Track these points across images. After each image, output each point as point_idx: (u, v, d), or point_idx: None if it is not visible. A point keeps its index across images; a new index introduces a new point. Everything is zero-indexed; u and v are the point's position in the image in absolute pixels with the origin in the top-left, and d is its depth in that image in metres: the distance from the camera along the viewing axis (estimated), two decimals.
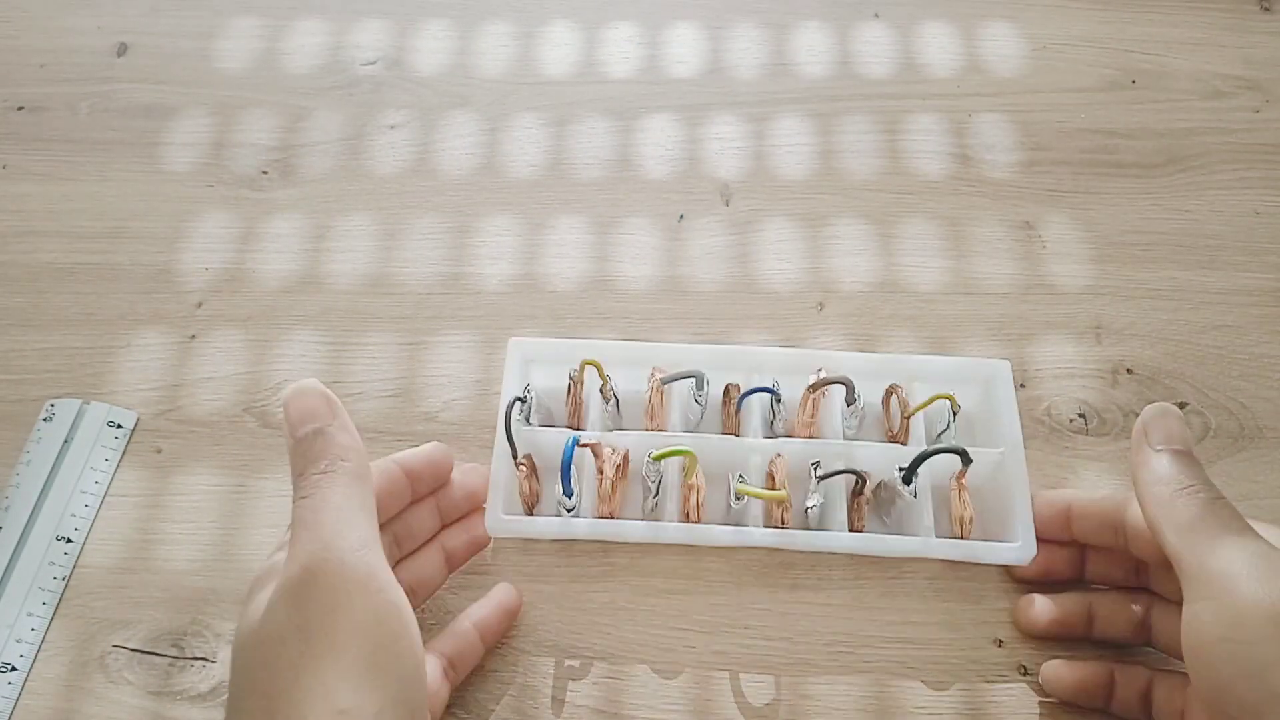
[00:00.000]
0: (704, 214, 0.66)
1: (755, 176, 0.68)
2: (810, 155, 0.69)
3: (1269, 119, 0.71)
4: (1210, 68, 0.73)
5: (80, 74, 0.74)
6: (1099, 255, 0.64)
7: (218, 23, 0.77)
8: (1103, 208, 0.66)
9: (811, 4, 0.77)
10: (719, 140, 0.70)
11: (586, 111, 0.71)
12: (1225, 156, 0.69)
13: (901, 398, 0.55)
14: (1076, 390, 0.59)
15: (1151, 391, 0.59)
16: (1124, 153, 0.69)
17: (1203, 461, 0.43)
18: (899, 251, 0.64)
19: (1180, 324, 0.62)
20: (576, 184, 0.68)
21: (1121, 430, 0.58)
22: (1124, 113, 0.71)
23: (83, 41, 0.76)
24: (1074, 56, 0.74)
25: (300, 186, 0.68)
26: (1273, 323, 0.62)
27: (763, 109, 0.71)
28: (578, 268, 0.64)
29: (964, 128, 0.70)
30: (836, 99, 0.72)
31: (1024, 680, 0.50)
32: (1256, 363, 0.60)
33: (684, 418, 0.56)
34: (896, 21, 0.76)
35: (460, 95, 0.72)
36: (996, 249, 0.65)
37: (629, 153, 0.69)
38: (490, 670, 0.50)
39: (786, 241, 0.65)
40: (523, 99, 0.72)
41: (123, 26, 0.76)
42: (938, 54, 0.74)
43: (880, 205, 0.67)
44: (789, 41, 0.75)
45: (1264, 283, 0.63)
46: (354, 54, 0.75)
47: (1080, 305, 0.62)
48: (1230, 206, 0.66)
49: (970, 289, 0.63)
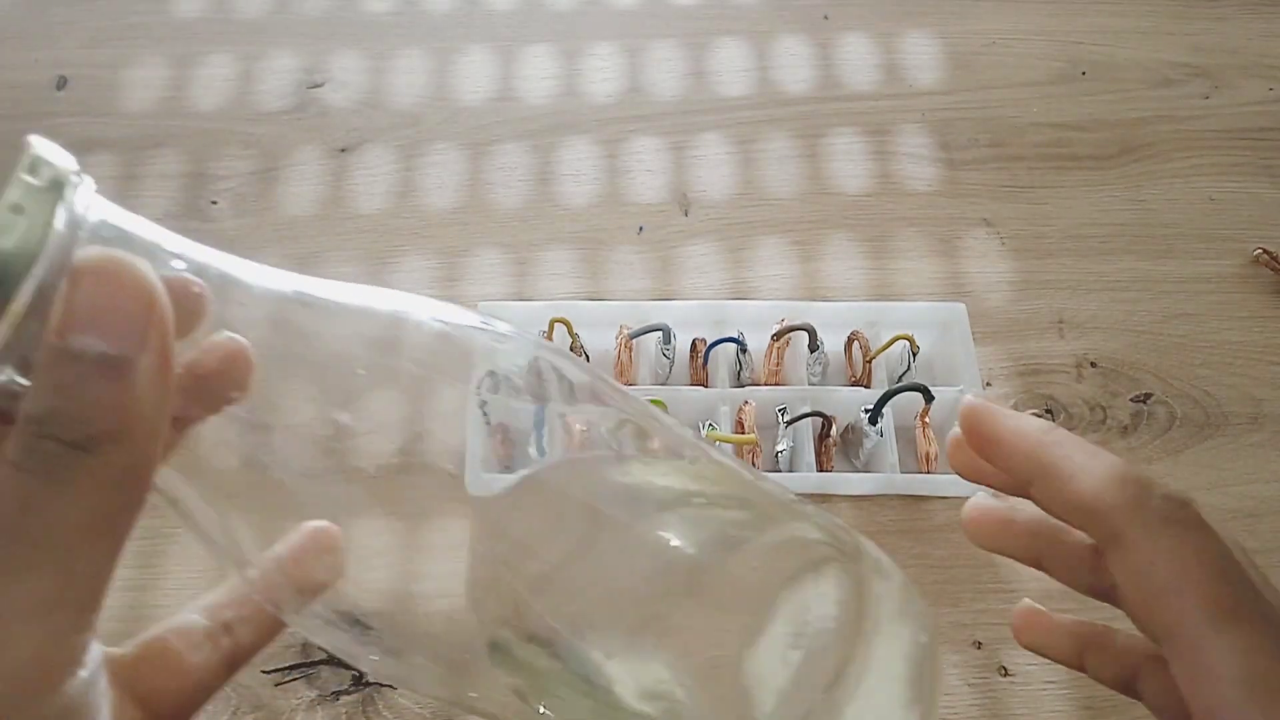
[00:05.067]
0: (665, 224, 0.66)
1: (719, 188, 0.68)
2: (790, 166, 0.69)
3: (1218, 105, 0.71)
4: (1159, 56, 0.74)
5: (20, 109, 0.72)
6: (1058, 249, 0.64)
7: (159, 52, 0.75)
8: (1059, 201, 0.67)
9: (760, 11, 0.77)
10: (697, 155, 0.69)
11: (502, 136, 0.71)
12: (1177, 144, 0.69)
13: (863, 342, 0.57)
14: (1041, 386, 0.59)
15: (1116, 383, 0.59)
16: (1078, 145, 0.69)
17: (1170, 452, 0.42)
18: (849, 256, 0.64)
19: (1141, 314, 0.62)
20: (495, 213, 0.67)
21: (1088, 424, 0.58)
22: (1076, 105, 0.71)
23: (20, 76, 0.74)
24: (1023, 50, 0.74)
25: (251, 216, 0.67)
26: (1233, 309, 0.62)
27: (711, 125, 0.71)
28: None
29: (918, 127, 0.70)
30: (817, 109, 0.72)
31: (1005, 680, 0.50)
32: (1218, 350, 0.61)
33: (653, 372, 0.57)
34: (848, 23, 0.76)
35: (375, 127, 0.71)
36: (955, 248, 0.65)
37: (547, 174, 0.68)
38: None
39: (772, 252, 0.65)
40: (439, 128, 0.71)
41: (61, 59, 0.75)
42: (885, 55, 0.74)
43: (839, 210, 0.66)
44: (769, 52, 0.75)
45: (1222, 269, 0.64)
46: (300, 77, 0.73)
47: (1041, 300, 0.62)
48: (1185, 194, 0.67)
49: (931, 289, 0.63)
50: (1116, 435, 0.57)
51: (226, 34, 0.76)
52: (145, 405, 0.19)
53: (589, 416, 0.28)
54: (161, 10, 0.77)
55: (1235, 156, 0.69)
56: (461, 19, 0.77)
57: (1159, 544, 0.24)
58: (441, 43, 0.75)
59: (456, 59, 0.74)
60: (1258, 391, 0.59)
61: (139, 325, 0.19)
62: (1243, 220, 0.65)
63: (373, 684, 0.50)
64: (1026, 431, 0.27)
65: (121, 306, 0.19)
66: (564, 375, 0.27)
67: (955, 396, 0.55)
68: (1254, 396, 0.59)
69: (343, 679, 0.50)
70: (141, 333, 0.19)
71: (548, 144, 0.70)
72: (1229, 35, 0.75)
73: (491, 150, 0.69)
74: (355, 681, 0.50)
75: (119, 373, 0.18)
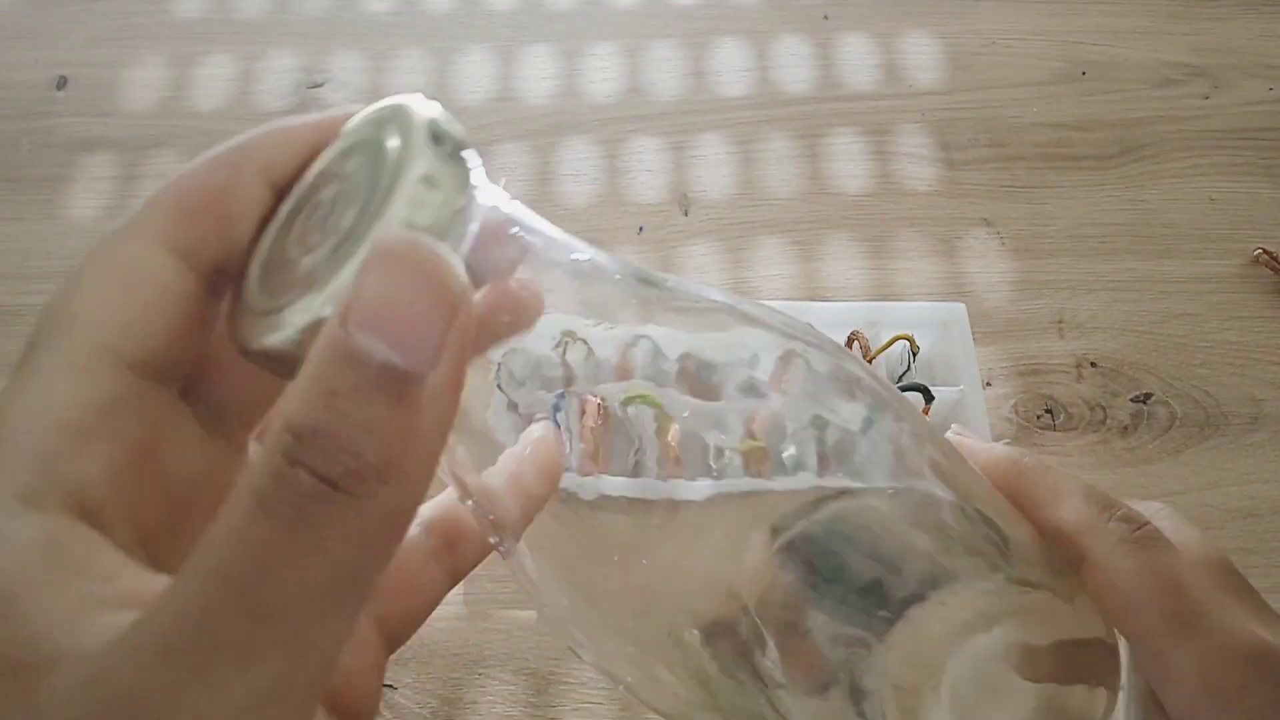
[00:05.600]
0: (665, 225, 0.66)
1: (721, 187, 0.68)
2: (790, 166, 0.69)
3: (1219, 105, 0.71)
4: (1159, 56, 0.74)
5: (20, 109, 0.72)
6: (1058, 249, 0.64)
7: (159, 52, 0.75)
8: (1059, 201, 0.67)
9: (760, 11, 0.77)
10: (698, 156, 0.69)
11: (504, 135, 0.71)
12: (1177, 144, 0.69)
13: (863, 342, 0.57)
14: (1041, 386, 0.59)
15: (1116, 383, 0.59)
16: (1078, 145, 0.69)
17: (1170, 452, 0.42)
18: (849, 256, 0.64)
19: (1141, 314, 0.62)
20: None
21: (1088, 424, 0.58)
22: (1076, 105, 0.71)
23: (20, 76, 0.74)
24: (1023, 50, 0.74)
25: None
26: (1232, 309, 0.62)
27: (735, 125, 0.71)
28: None
29: (918, 127, 0.70)
30: (817, 109, 0.72)
31: None
32: (1218, 349, 0.61)
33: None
34: (849, 24, 0.76)
35: None
36: (955, 248, 0.65)
37: (546, 174, 0.69)
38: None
39: (772, 251, 0.65)
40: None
41: (61, 59, 0.75)
42: (885, 55, 0.74)
43: (839, 210, 0.66)
44: (769, 52, 0.75)
45: (1221, 269, 0.64)
46: (300, 77, 0.73)
47: (1041, 300, 0.62)
48: (1185, 194, 0.67)
49: (931, 289, 0.63)
50: (1116, 435, 0.57)
51: (226, 34, 0.76)
52: (426, 438, 0.15)
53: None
54: (161, 10, 0.78)
55: (1235, 156, 0.69)
56: (461, 19, 0.77)
57: (1119, 564, 0.26)
58: (441, 43, 0.75)
59: (456, 59, 0.74)
60: (1258, 391, 0.59)
61: (436, 335, 0.15)
62: (1243, 220, 0.65)
63: None
64: (997, 463, 0.28)
65: (421, 308, 0.15)
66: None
67: (956, 396, 0.54)
68: (1254, 396, 0.59)
69: None
70: (438, 345, 0.15)
71: (548, 144, 0.70)
72: (1229, 35, 0.75)
73: (491, 150, 0.69)
74: None
75: (404, 392, 0.14)
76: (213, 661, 0.14)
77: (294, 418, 0.14)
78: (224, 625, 0.14)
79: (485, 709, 0.50)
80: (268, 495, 0.14)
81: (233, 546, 0.14)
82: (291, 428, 0.14)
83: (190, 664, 0.14)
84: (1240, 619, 0.25)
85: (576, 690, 0.50)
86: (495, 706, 0.50)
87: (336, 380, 0.14)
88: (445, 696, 0.50)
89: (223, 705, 0.14)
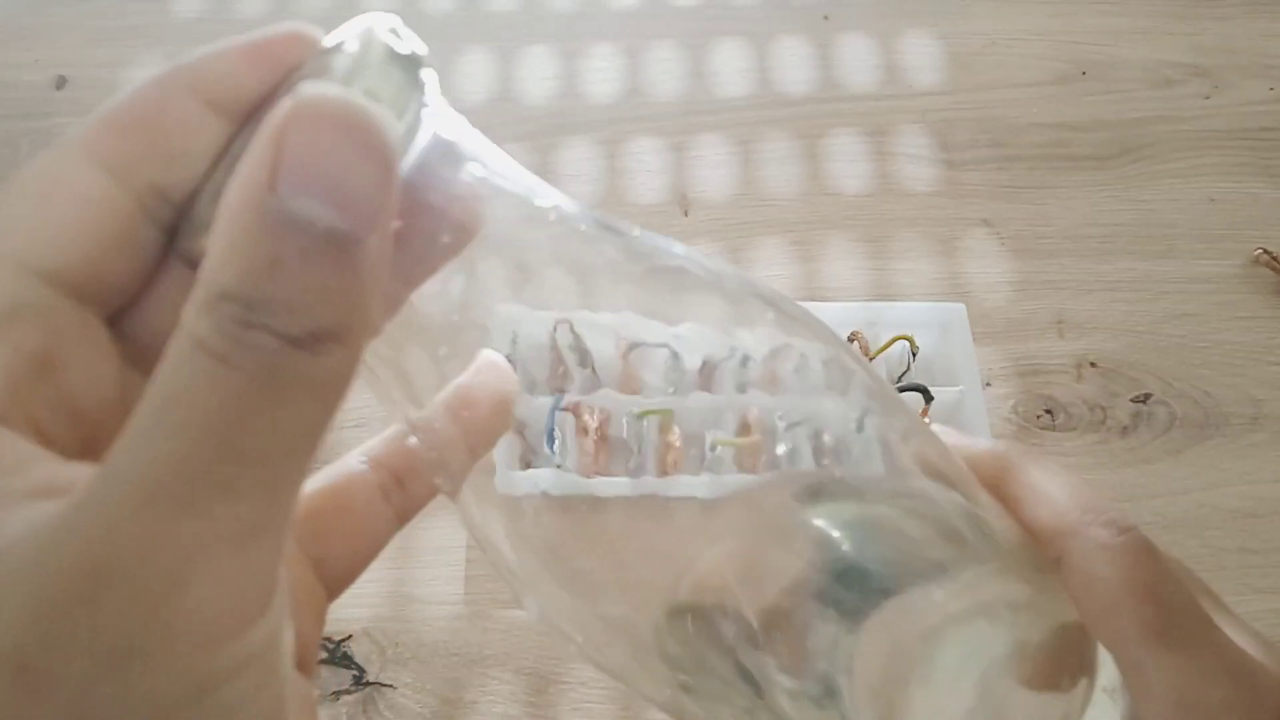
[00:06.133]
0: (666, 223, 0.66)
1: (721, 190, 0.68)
2: (790, 166, 0.69)
3: (1219, 105, 0.71)
4: (1159, 56, 0.74)
5: (19, 110, 0.72)
6: (1058, 249, 0.64)
7: (159, 52, 0.75)
8: (1059, 202, 0.67)
9: (760, 11, 0.77)
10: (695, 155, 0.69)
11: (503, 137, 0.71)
12: (1177, 145, 0.69)
13: (863, 343, 0.57)
14: (1041, 386, 0.59)
15: (1116, 384, 0.59)
16: (1077, 145, 0.69)
17: (1170, 452, 0.42)
18: (849, 256, 0.64)
19: (1141, 315, 0.62)
20: None
21: (1088, 424, 0.58)
22: (1076, 105, 0.71)
23: (19, 76, 0.74)
24: (1023, 50, 0.74)
25: None
26: (1232, 309, 0.62)
27: (736, 126, 0.71)
28: None
29: (918, 128, 0.70)
30: (817, 110, 0.72)
31: None
32: (1218, 350, 0.61)
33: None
34: (849, 24, 0.76)
35: None
36: (955, 248, 0.65)
37: (547, 175, 0.69)
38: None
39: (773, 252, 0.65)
40: None
41: (60, 59, 0.75)
42: (885, 55, 0.74)
43: (839, 210, 0.66)
44: (769, 52, 0.75)
45: (1221, 269, 0.64)
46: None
47: (1041, 300, 0.62)
48: (1185, 195, 0.67)
49: (931, 289, 0.63)
50: (1116, 435, 0.57)
51: (226, 34, 0.75)
52: (370, 298, 0.15)
53: None
54: (161, 10, 0.78)
55: (1235, 156, 0.69)
56: (461, 19, 0.77)
57: (1098, 569, 0.25)
58: (442, 43, 0.75)
59: (457, 59, 0.74)
60: (1258, 391, 0.59)
61: (378, 196, 0.15)
62: (1243, 220, 0.65)
63: (373, 684, 0.50)
64: (980, 459, 0.28)
65: (360, 169, 0.14)
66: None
67: (956, 396, 0.54)
68: (1254, 396, 0.59)
69: (343, 679, 0.50)
70: (380, 207, 0.15)
71: (548, 144, 0.70)
72: (1229, 35, 0.75)
73: None
74: (355, 681, 0.50)
75: (348, 256, 0.14)
76: (202, 497, 0.14)
77: (237, 288, 0.14)
78: (209, 469, 0.14)
79: (485, 709, 0.50)
80: (230, 354, 0.14)
81: (205, 398, 0.14)
82: (237, 297, 0.14)
83: (178, 500, 0.14)
84: (1220, 633, 0.25)
85: (576, 690, 0.50)
86: (495, 706, 0.50)
87: (278, 248, 0.14)
88: (445, 696, 0.50)
89: (216, 534, 0.14)
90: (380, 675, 0.50)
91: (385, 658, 0.51)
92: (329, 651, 0.51)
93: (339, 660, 0.50)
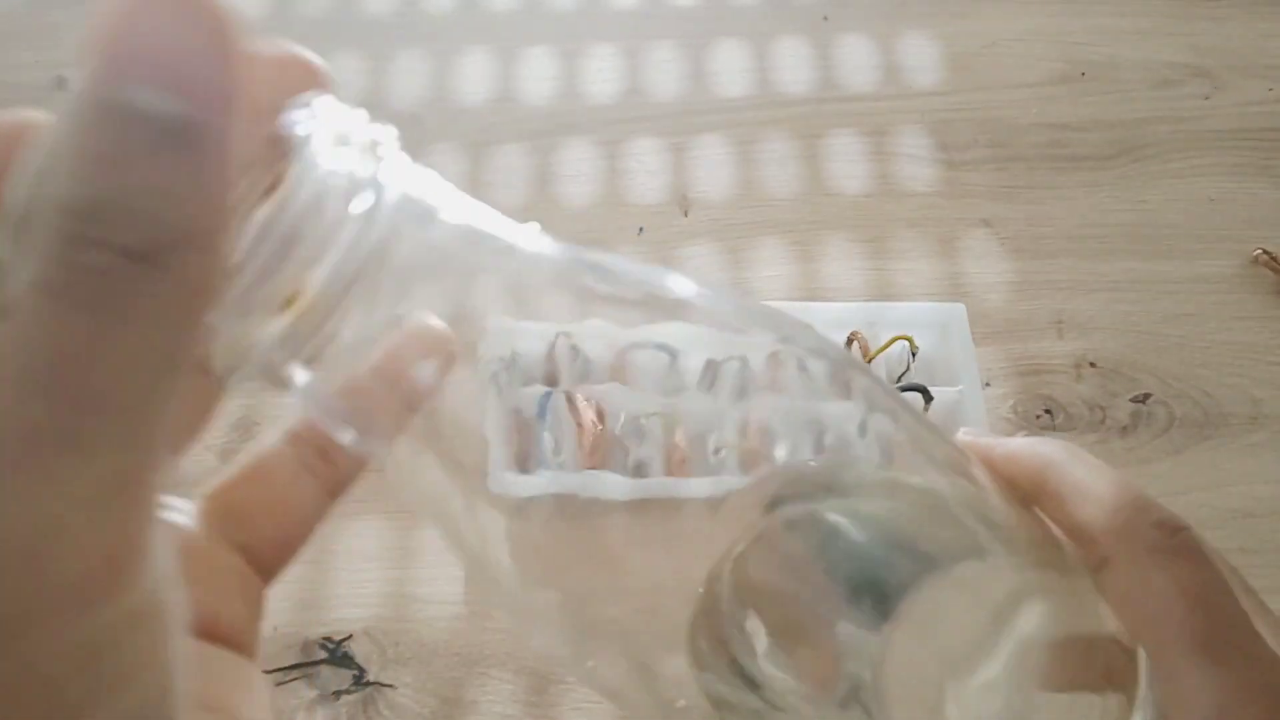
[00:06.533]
0: (664, 227, 0.66)
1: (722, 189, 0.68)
2: (790, 167, 0.69)
3: (1218, 105, 0.71)
4: (1159, 56, 0.74)
5: None
6: (1057, 249, 0.65)
7: None
8: (1059, 202, 0.67)
9: (760, 11, 0.77)
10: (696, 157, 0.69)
11: (503, 137, 0.71)
12: (1177, 145, 0.69)
13: (862, 343, 0.57)
14: (1041, 386, 0.59)
15: (1115, 384, 0.59)
16: (1077, 145, 0.69)
17: (1170, 452, 0.42)
18: (848, 256, 0.64)
19: (1141, 315, 0.62)
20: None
21: (1088, 424, 0.58)
22: (1075, 105, 0.71)
23: (20, 77, 0.74)
24: (1023, 51, 0.74)
25: None
26: (1232, 309, 0.62)
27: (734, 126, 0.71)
28: None
29: (917, 128, 0.70)
30: (816, 110, 0.72)
31: None
32: (1218, 350, 0.61)
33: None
34: (849, 25, 0.76)
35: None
36: (955, 248, 0.65)
37: (547, 175, 0.69)
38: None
39: (769, 252, 0.65)
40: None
41: (60, 60, 0.75)
42: (884, 56, 0.74)
43: (838, 211, 0.66)
44: (769, 53, 0.75)
45: (1221, 269, 0.64)
46: None
47: (1040, 301, 0.62)
48: (1184, 195, 0.67)
49: (931, 290, 0.63)
50: (1116, 435, 0.57)
51: None
52: (221, 192, 0.13)
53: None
54: None
55: (1235, 156, 0.69)
56: (461, 19, 0.77)
57: (1144, 574, 0.24)
58: (441, 43, 0.75)
59: (456, 59, 0.74)
60: (1258, 391, 0.59)
61: (222, 75, 0.13)
62: (1243, 220, 0.65)
63: (373, 684, 0.50)
64: (1017, 456, 0.26)
65: (199, 45, 0.12)
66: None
67: (955, 397, 0.54)
68: (1254, 396, 0.59)
69: (343, 679, 0.50)
70: (225, 87, 0.13)
71: (548, 145, 0.70)
72: (1229, 35, 0.75)
73: (491, 151, 0.69)
74: (355, 681, 0.50)
75: (195, 146, 0.12)
76: (50, 458, 0.12)
77: (69, 198, 0.12)
78: (51, 424, 0.12)
79: (485, 709, 0.50)
80: (59, 283, 0.12)
81: (40, 343, 0.12)
82: (69, 209, 0.12)
83: (20, 466, 0.12)
84: (1264, 647, 0.24)
85: (576, 690, 0.50)
86: (495, 706, 0.50)
87: (112, 146, 0.12)
88: (445, 696, 0.50)
89: (70, 497, 0.12)
90: (380, 675, 0.50)
91: (385, 658, 0.51)
92: (329, 651, 0.51)
93: (339, 660, 0.50)
